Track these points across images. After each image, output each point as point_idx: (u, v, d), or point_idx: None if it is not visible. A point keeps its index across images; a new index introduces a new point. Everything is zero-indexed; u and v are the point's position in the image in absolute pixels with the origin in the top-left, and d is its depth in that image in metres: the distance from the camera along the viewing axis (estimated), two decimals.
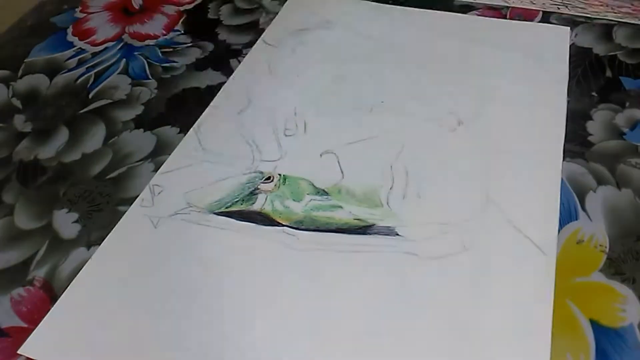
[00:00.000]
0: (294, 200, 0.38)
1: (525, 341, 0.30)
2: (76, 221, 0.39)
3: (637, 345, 0.29)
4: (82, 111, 0.47)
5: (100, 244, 0.37)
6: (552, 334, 0.30)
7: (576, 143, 0.39)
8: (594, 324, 0.30)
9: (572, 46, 0.47)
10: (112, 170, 0.42)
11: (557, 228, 0.34)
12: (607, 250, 0.33)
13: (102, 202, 0.39)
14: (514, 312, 0.31)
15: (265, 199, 0.38)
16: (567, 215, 0.35)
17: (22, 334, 0.33)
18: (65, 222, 0.39)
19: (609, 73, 0.44)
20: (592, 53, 0.46)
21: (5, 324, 0.34)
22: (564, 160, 0.38)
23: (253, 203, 0.38)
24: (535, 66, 0.45)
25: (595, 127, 0.40)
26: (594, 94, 0.42)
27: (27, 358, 0.32)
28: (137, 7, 0.58)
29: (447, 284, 0.33)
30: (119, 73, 0.50)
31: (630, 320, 0.30)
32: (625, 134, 0.39)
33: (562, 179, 0.37)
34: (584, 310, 0.31)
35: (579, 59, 0.45)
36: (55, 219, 0.39)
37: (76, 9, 0.59)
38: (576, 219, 0.35)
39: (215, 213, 0.38)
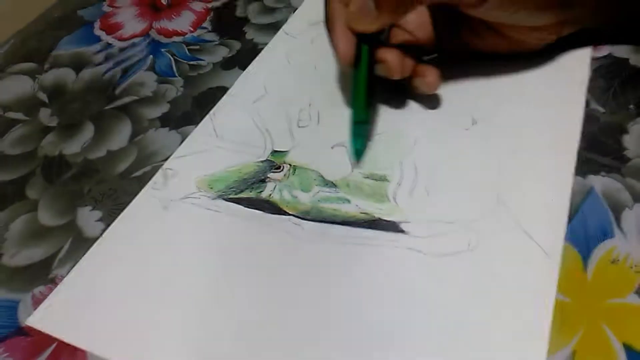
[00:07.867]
0: (302, 190, 0.38)
1: (521, 344, 0.29)
2: (100, 219, 0.38)
3: None
4: (108, 107, 0.47)
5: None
6: (584, 357, 0.29)
7: (612, 157, 0.38)
8: (628, 349, 0.29)
9: (609, 56, 0.45)
10: (138, 169, 0.41)
11: (564, 231, 0.34)
12: None
13: (126, 202, 0.39)
14: (512, 314, 0.31)
15: (274, 188, 0.38)
16: (601, 233, 0.34)
17: (42, 334, 0.33)
18: (89, 220, 0.38)
19: None
20: (629, 64, 0.45)
21: (25, 323, 0.33)
22: (598, 174, 0.37)
23: (262, 191, 0.38)
24: (555, 67, 0.44)
25: (632, 141, 0.39)
26: (631, 106, 0.41)
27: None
28: (165, 3, 0.58)
29: (448, 283, 0.32)
30: (145, 70, 0.50)
31: None
32: None
33: (597, 195, 0.36)
34: (617, 334, 0.30)
35: (616, 70, 0.44)
36: (79, 216, 0.39)
37: (103, 2, 0.59)
38: (611, 237, 0.34)
39: (224, 199, 0.38)
